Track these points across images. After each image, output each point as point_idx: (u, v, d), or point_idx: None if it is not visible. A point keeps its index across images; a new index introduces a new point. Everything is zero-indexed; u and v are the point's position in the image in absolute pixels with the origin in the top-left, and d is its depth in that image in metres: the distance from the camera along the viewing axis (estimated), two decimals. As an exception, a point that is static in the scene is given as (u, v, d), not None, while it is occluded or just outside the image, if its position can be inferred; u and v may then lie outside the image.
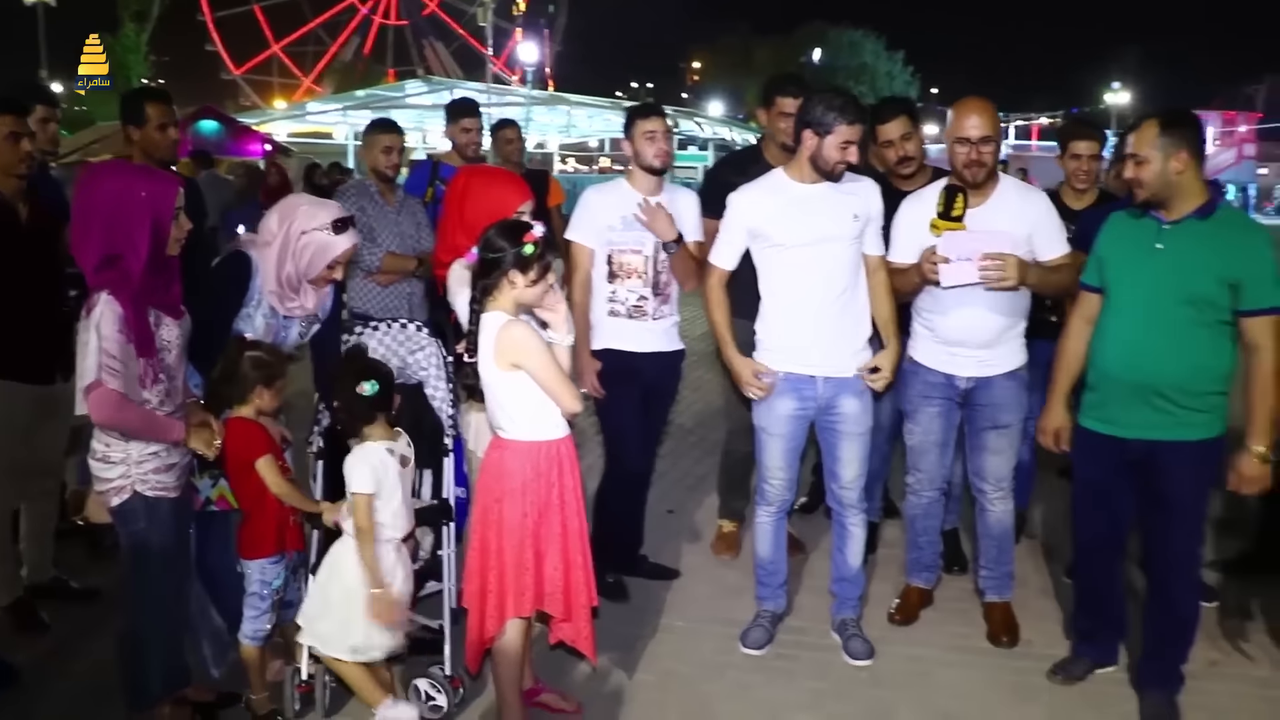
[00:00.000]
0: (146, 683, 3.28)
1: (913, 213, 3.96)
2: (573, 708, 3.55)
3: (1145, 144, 3.32)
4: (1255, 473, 3.32)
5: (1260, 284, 3.24)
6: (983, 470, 4.09)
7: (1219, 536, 5.05)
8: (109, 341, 2.94)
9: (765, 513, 4.11)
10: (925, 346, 4.05)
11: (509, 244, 3.08)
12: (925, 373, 4.05)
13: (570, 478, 3.26)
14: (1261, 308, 3.25)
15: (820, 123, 3.72)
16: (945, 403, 4.06)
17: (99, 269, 3.00)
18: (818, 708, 3.61)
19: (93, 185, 3.06)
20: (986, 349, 3.93)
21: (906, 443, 4.22)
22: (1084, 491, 3.72)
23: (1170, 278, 3.32)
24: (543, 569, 3.21)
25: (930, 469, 4.16)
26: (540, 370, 3.09)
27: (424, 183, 5.71)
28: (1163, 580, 3.56)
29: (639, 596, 4.43)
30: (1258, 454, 3.29)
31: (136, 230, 2.99)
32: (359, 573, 3.26)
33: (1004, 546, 4.19)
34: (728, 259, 4.01)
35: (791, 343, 3.90)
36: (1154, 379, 3.35)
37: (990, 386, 3.96)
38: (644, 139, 4.23)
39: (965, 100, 3.89)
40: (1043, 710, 3.60)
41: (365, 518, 3.23)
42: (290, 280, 3.49)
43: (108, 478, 3.14)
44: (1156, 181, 3.31)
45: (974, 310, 3.85)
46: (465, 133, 5.77)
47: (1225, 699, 3.67)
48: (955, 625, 4.24)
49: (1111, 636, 3.82)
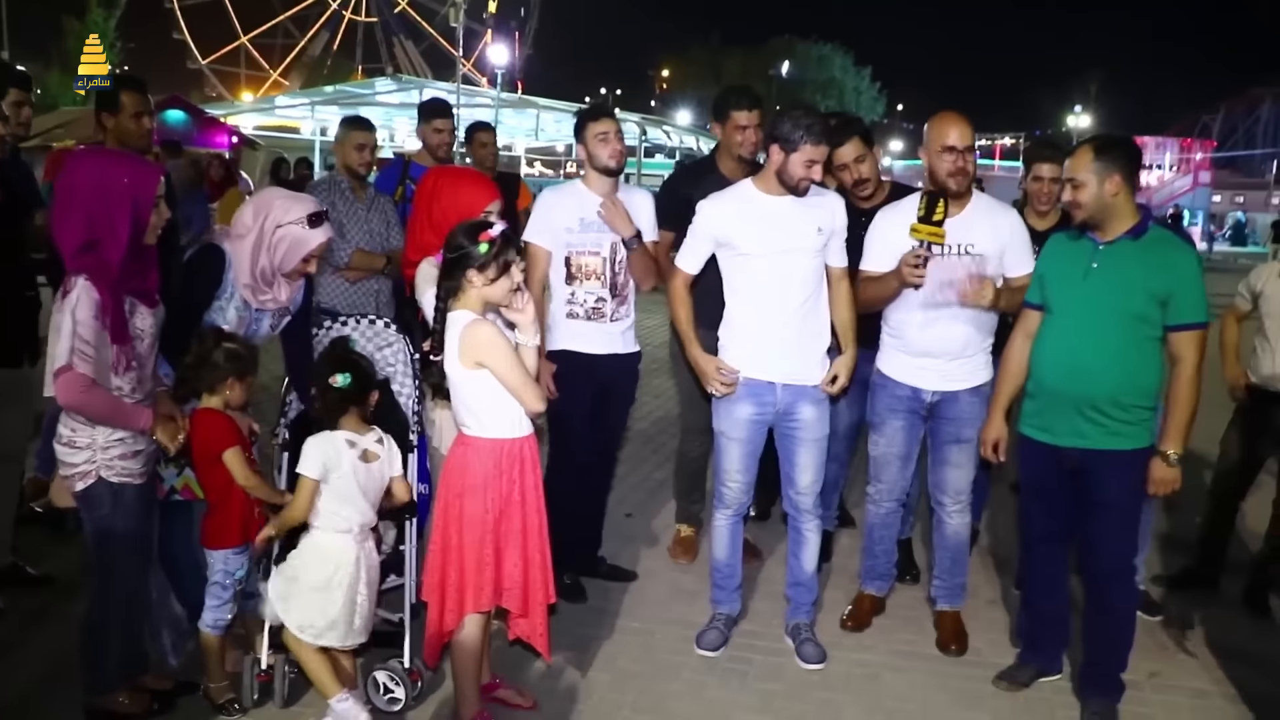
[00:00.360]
0: (105, 668, 3.31)
1: (887, 224, 4.05)
2: (529, 704, 3.59)
3: (1081, 168, 3.46)
4: (1165, 475, 3.47)
5: (1185, 300, 3.41)
6: (943, 483, 4.19)
7: (1164, 553, 5.22)
8: (83, 326, 2.96)
9: (723, 516, 4.18)
10: (893, 359, 4.14)
11: (469, 243, 3.14)
12: (893, 386, 4.14)
13: (531, 476, 3.31)
14: (1185, 323, 3.42)
15: (788, 139, 3.79)
16: (910, 416, 4.15)
17: (78, 253, 3.01)
18: (769, 709, 3.68)
19: (76, 169, 3.08)
20: (954, 361, 4.03)
21: (870, 454, 4.31)
22: (1026, 494, 3.87)
23: (1105, 295, 3.48)
24: (502, 565, 3.26)
25: (891, 481, 4.25)
26: (504, 370, 3.14)
27: (394, 181, 5.74)
28: (1099, 584, 3.69)
29: (596, 598, 4.47)
30: (1168, 457, 3.45)
31: (117, 216, 3.02)
32: (330, 556, 3.30)
33: (958, 558, 4.29)
34: (692, 263, 4.08)
35: (753, 349, 3.97)
36: (1088, 391, 3.50)
37: (955, 401, 4.06)
38: (597, 141, 4.25)
39: (945, 114, 4.00)
40: (987, 716, 3.69)
41: (305, 500, 3.27)
42: (264, 274, 3.51)
43: (73, 463, 3.16)
44: (1093, 204, 3.45)
45: (943, 322, 3.95)
46: (437, 133, 5.80)
47: (1162, 709, 3.79)
48: (905, 632, 4.33)
49: (1056, 645, 3.92)
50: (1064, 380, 3.56)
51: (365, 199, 5.25)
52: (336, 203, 5.06)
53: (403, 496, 3.52)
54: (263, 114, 32.33)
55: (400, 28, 67.26)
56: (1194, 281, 3.44)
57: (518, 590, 3.28)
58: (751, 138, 4.62)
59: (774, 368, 3.96)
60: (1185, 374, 3.44)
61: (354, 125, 5.42)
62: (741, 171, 4.52)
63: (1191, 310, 3.42)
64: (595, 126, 4.26)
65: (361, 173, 5.29)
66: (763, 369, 3.97)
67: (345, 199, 5.16)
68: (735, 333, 4.03)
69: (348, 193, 5.19)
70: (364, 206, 5.21)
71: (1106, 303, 3.47)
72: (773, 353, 3.95)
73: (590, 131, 4.26)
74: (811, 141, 3.76)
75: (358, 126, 5.40)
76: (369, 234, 5.17)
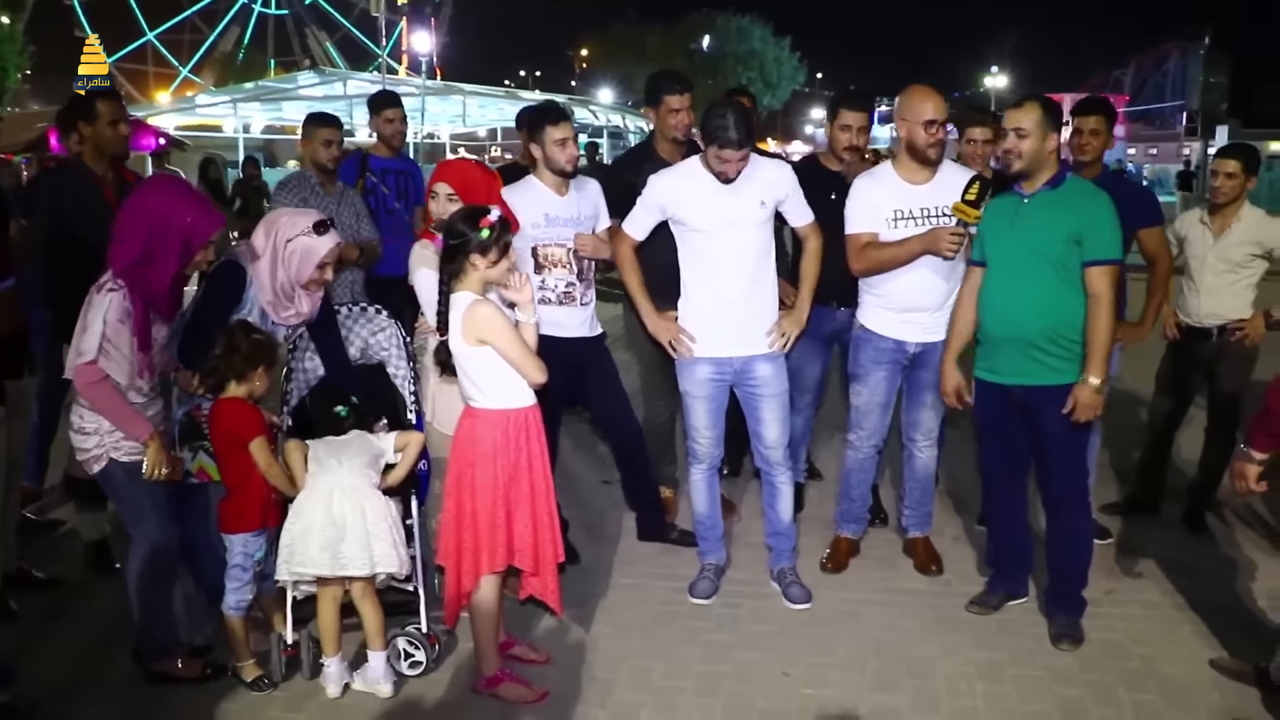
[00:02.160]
0: (158, 633, 3.59)
1: (868, 190, 4.33)
2: (543, 659, 3.81)
3: (1028, 119, 3.79)
4: (1089, 400, 3.76)
5: (1097, 239, 3.75)
6: (918, 423, 4.55)
7: (1110, 484, 5.60)
8: (111, 329, 3.26)
9: (698, 470, 4.42)
10: (876, 315, 4.43)
11: (469, 229, 3.34)
12: (877, 339, 4.42)
13: (537, 443, 3.52)
14: (1096, 259, 3.75)
15: (705, 133, 4.06)
16: (893, 366, 4.45)
17: (129, 269, 3.31)
18: (766, 647, 3.95)
19: (149, 195, 3.48)
20: (935, 314, 4.32)
21: (852, 403, 4.60)
22: (982, 432, 4.20)
23: (1027, 242, 3.82)
24: (513, 527, 3.47)
25: (872, 428, 4.55)
26: (505, 345, 3.35)
27: (353, 175, 5.84)
28: (1057, 509, 4.02)
29: (588, 559, 4.70)
30: (1092, 385, 3.74)
31: (171, 248, 3.35)
32: (354, 497, 3.53)
33: (926, 488, 4.68)
34: (637, 229, 4.32)
35: (708, 329, 4.21)
36: (1023, 331, 3.83)
37: (935, 351, 4.34)
38: (555, 146, 4.34)
39: (919, 87, 4.32)
40: (965, 638, 4.01)
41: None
42: (284, 288, 3.71)
43: (85, 447, 3.43)
44: (1032, 155, 3.80)
45: (924, 276, 4.25)
46: (389, 123, 5.94)
47: (1120, 620, 4.15)
48: (881, 571, 4.65)
49: (1020, 570, 4.26)
50: (1002, 323, 3.90)
51: (334, 193, 5.40)
52: (308, 199, 5.21)
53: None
54: (183, 114, 31.66)
55: (312, 19, 66.12)
56: (1105, 222, 3.77)
57: (529, 550, 3.50)
58: (685, 120, 4.80)
59: (730, 344, 4.22)
60: (1101, 307, 3.74)
61: (321, 121, 5.52)
62: (679, 153, 4.73)
63: (1102, 248, 3.75)
64: (555, 131, 4.33)
65: (330, 168, 5.43)
66: (719, 347, 4.22)
67: (316, 194, 5.30)
68: (690, 313, 4.27)
69: (318, 188, 5.34)
70: (334, 200, 5.35)
71: (1030, 248, 3.82)
72: (728, 330, 4.20)
73: (549, 136, 4.34)
74: (717, 144, 3.99)
75: (324, 123, 5.50)
76: (340, 227, 5.26)
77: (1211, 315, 4.94)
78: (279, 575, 3.58)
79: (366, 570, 3.51)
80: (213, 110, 32.39)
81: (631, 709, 3.53)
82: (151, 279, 3.34)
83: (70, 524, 4.92)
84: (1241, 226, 4.90)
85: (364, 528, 3.49)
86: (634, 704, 3.56)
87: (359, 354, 4.03)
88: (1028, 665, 3.81)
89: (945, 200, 4.17)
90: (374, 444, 3.68)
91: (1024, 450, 4.06)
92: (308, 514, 3.50)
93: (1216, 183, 4.93)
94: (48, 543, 4.85)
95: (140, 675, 3.62)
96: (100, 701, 3.56)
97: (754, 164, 4.17)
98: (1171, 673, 3.75)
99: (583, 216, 4.50)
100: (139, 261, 3.31)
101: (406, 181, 6.06)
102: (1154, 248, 4.72)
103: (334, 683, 3.58)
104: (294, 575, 3.54)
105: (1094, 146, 4.71)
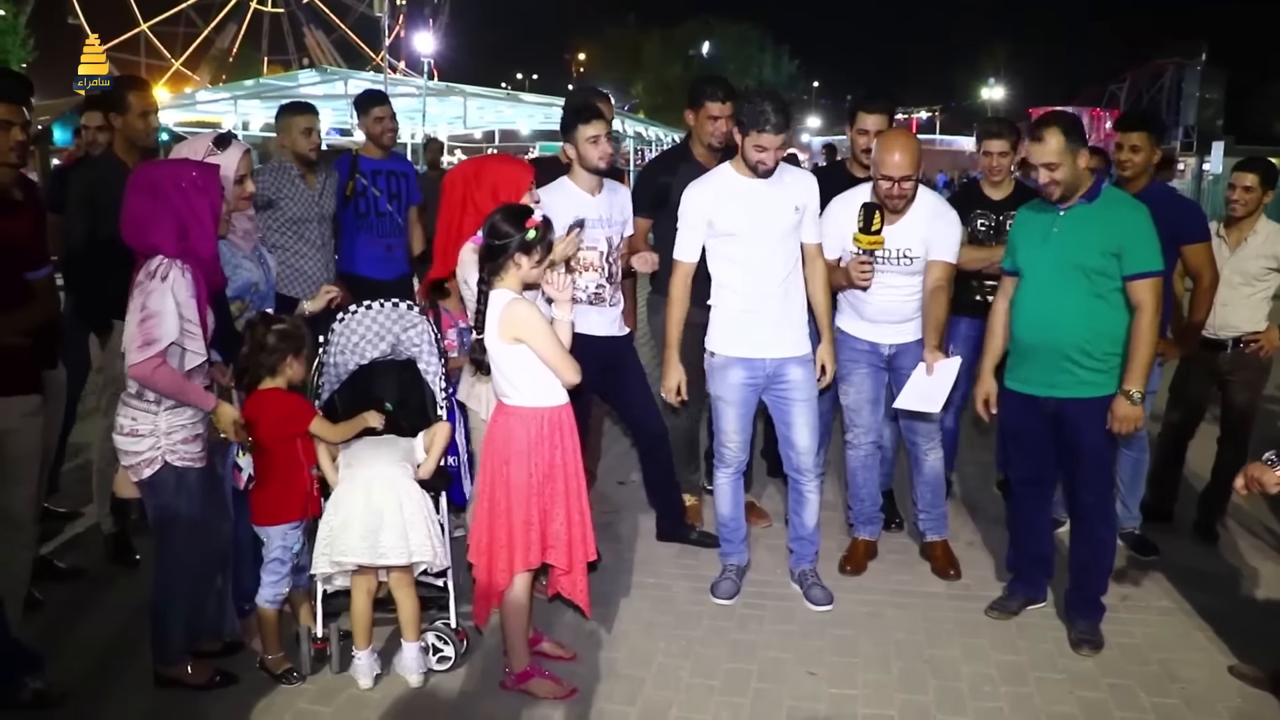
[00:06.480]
0: (172, 641, 3.53)
1: (838, 214, 4.38)
2: (570, 656, 3.84)
3: (1053, 154, 3.77)
4: (1128, 413, 3.78)
5: (1138, 252, 3.75)
6: (915, 425, 4.61)
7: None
8: (185, 306, 3.23)
9: (724, 474, 4.46)
10: (850, 321, 4.54)
11: (514, 229, 3.36)
12: (853, 341, 4.53)
13: (570, 441, 3.55)
14: (1139, 272, 3.76)
15: (740, 122, 4.08)
16: (871, 366, 4.54)
17: (176, 243, 3.26)
18: (789, 647, 3.99)
19: (146, 177, 3.35)
20: (905, 322, 4.44)
21: (843, 403, 4.67)
22: (1012, 441, 4.24)
23: (1064, 254, 3.83)
24: (549, 525, 3.50)
25: (866, 422, 4.62)
26: (541, 344, 3.38)
27: (344, 176, 5.63)
28: (1083, 518, 4.06)
29: (609, 559, 4.73)
30: (1130, 395, 3.77)
31: (199, 210, 3.29)
32: (392, 488, 3.57)
33: (937, 490, 4.72)
34: (690, 252, 4.31)
35: (742, 331, 4.24)
36: (1058, 343, 3.85)
37: (909, 351, 4.44)
38: (588, 143, 4.39)
39: (891, 137, 4.31)
40: (986, 640, 4.05)
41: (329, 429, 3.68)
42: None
43: (137, 451, 3.35)
44: (1070, 181, 3.80)
45: (890, 295, 4.37)
46: (378, 122, 5.74)
47: (1137, 626, 4.19)
48: (899, 574, 4.69)
49: (1040, 575, 4.30)
50: (1035, 334, 3.92)
51: (316, 185, 5.28)
52: (285, 189, 5.12)
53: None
54: (183, 110, 31.69)
55: (310, 17, 66.14)
56: (1144, 234, 3.78)
57: (563, 548, 3.53)
58: (722, 128, 4.81)
59: (762, 346, 4.25)
60: (1144, 319, 3.76)
61: (296, 110, 5.34)
62: (714, 159, 4.76)
63: (1144, 260, 3.76)
64: (588, 130, 4.38)
65: (312, 158, 5.25)
66: (752, 348, 4.25)
67: (294, 185, 5.19)
68: (723, 316, 4.31)
69: (297, 180, 5.21)
70: (315, 193, 5.24)
71: (1066, 261, 3.82)
72: (761, 332, 4.23)
73: (582, 134, 4.39)
74: (756, 129, 4.01)
75: (300, 111, 5.33)
76: (322, 219, 5.26)
77: (1227, 327, 5.00)
78: (316, 567, 3.59)
79: (404, 559, 3.54)
80: (212, 107, 32.38)
81: (661, 706, 3.56)
82: (199, 247, 3.30)
83: (88, 516, 4.95)
84: (1258, 240, 4.97)
85: (401, 518, 3.52)
86: (663, 701, 3.59)
87: (390, 349, 4.05)
88: (1049, 668, 3.85)
89: (911, 243, 4.29)
90: (407, 441, 3.72)
91: (1049, 461, 4.09)
92: (346, 506, 3.53)
93: (1234, 196, 4.99)
94: (63, 532, 4.86)
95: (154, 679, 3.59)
96: (129, 693, 3.57)
97: (784, 170, 4.21)
98: (1190, 677, 3.79)
99: (613, 219, 4.54)
100: (181, 235, 3.25)
101: (399, 182, 5.82)
102: (1199, 263, 4.73)
103: (365, 674, 3.61)
104: (334, 565, 3.56)
105: (1135, 163, 4.69)
